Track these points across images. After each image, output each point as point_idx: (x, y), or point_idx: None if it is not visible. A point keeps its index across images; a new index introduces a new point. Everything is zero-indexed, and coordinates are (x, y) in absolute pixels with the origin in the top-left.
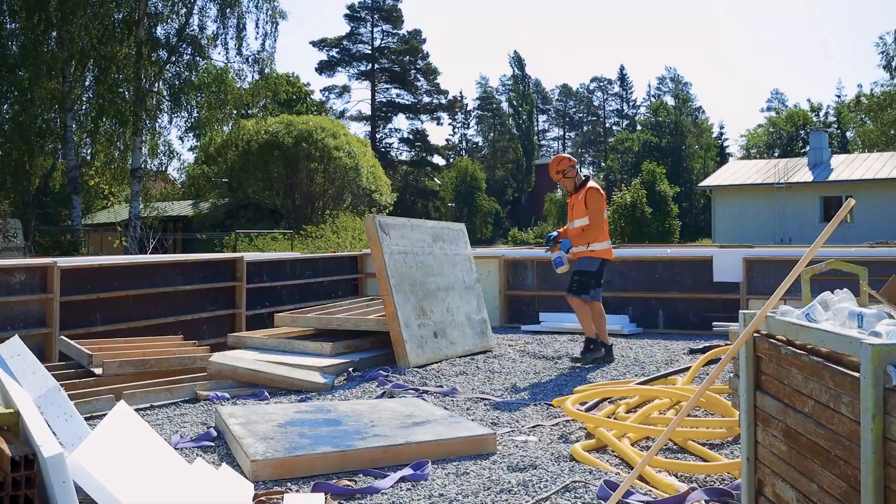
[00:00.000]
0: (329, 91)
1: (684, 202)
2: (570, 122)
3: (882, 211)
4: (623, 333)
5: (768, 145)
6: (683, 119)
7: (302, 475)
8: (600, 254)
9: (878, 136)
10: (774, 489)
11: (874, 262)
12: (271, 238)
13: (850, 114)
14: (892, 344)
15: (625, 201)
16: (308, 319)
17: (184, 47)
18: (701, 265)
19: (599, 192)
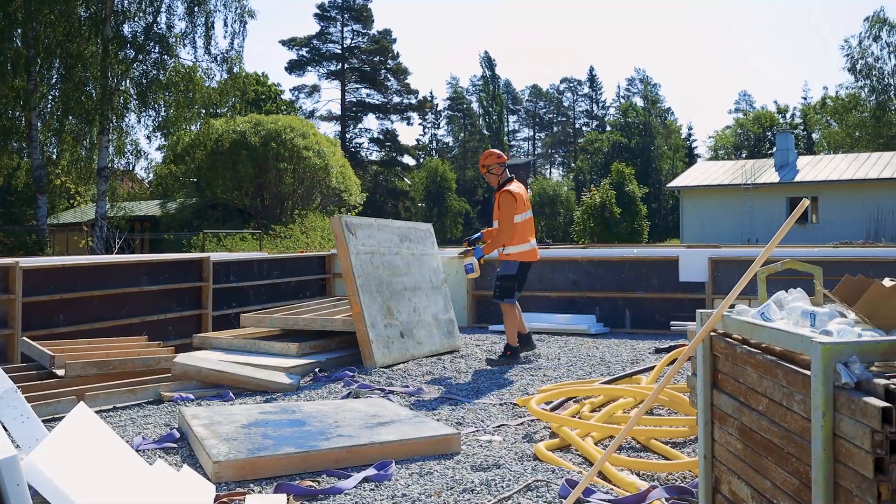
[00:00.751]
0: (299, 91)
1: (653, 203)
2: (540, 123)
3: (847, 212)
4: (590, 333)
5: (736, 146)
6: (652, 120)
7: (265, 476)
8: (515, 257)
9: (843, 137)
10: (731, 487)
11: (829, 262)
12: (240, 238)
13: (816, 116)
14: (842, 342)
15: (594, 202)
16: (274, 320)
17: (151, 45)
18: (667, 265)
19: (512, 196)
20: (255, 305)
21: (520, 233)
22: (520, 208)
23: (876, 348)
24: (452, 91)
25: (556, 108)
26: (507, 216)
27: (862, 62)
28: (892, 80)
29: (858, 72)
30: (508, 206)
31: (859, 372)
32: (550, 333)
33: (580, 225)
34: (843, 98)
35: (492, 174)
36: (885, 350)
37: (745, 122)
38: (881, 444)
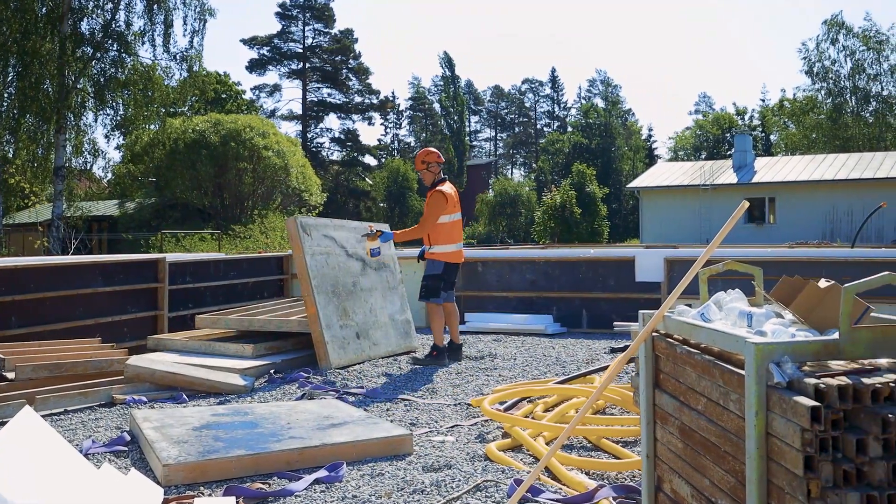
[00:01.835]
0: (260, 90)
1: (614, 203)
2: (502, 123)
3: (803, 212)
4: (547, 333)
5: (695, 147)
6: (613, 121)
7: (215, 479)
8: (440, 257)
9: (800, 139)
10: (672, 485)
11: (779, 262)
12: (199, 238)
13: (773, 118)
14: (774, 343)
15: (555, 202)
16: (229, 321)
17: (109, 43)
18: (624, 265)
19: (443, 196)
20: (212, 306)
21: (447, 233)
22: (449, 209)
23: (807, 348)
24: (414, 91)
25: (517, 108)
26: (432, 214)
27: (819, 65)
28: (849, 83)
29: (815, 75)
30: (437, 204)
31: (791, 371)
32: (507, 333)
33: (541, 225)
34: (801, 100)
35: (429, 171)
36: (816, 350)
37: (704, 124)
38: (811, 442)
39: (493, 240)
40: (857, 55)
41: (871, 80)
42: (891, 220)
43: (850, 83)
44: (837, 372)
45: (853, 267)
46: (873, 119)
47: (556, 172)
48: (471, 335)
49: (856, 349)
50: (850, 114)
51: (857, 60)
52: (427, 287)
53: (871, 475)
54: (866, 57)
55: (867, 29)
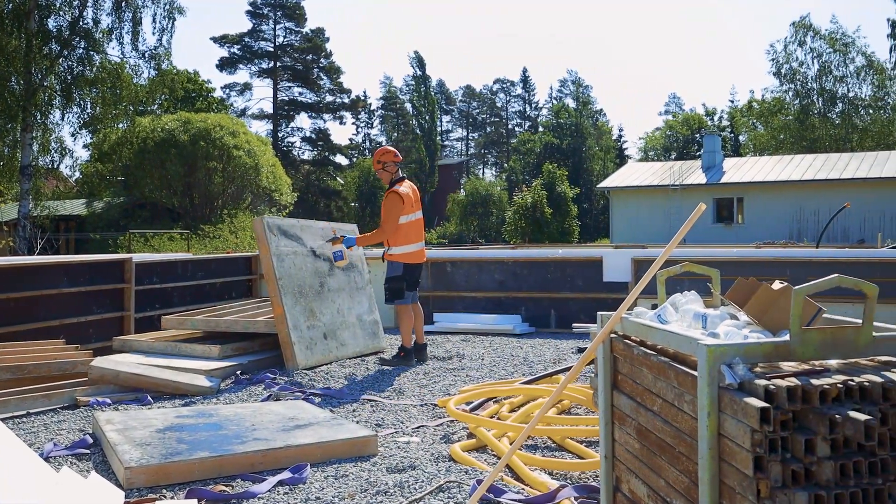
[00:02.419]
0: (230, 88)
1: (584, 203)
2: (474, 123)
3: (771, 212)
4: (515, 333)
5: (665, 148)
6: (584, 121)
7: (178, 481)
8: (399, 258)
9: (768, 140)
10: (630, 486)
11: (735, 263)
12: (168, 238)
13: (742, 118)
14: (726, 344)
15: (525, 202)
16: (196, 322)
17: (77, 41)
18: (592, 265)
19: (398, 196)
20: (180, 307)
21: (404, 234)
22: (407, 209)
23: (759, 350)
24: (386, 90)
25: (489, 108)
26: (390, 215)
27: (787, 67)
28: (816, 85)
29: (783, 76)
30: (394, 205)
31: (742, 373)
32: (476, 334)
33: (512, 225)
34: (769, 102)
35: (386, 171)
36: (767, 351)
37: (674, 124)
38: (760, 443)
39: (464, 239)
40: (824, 57)
41: (837, 81)
42: (856, 220)
43: (817, 85)
44: (788, 373)
45: (817, 267)
46: (840, 120)
47: (528, 172)
48: (439, 335)
49: (806, 350)
50: (817, 115)
51: (824, 62)
52: (390, 290)
53: (819, 475)
54: (833, 59)
55: (833, 31)
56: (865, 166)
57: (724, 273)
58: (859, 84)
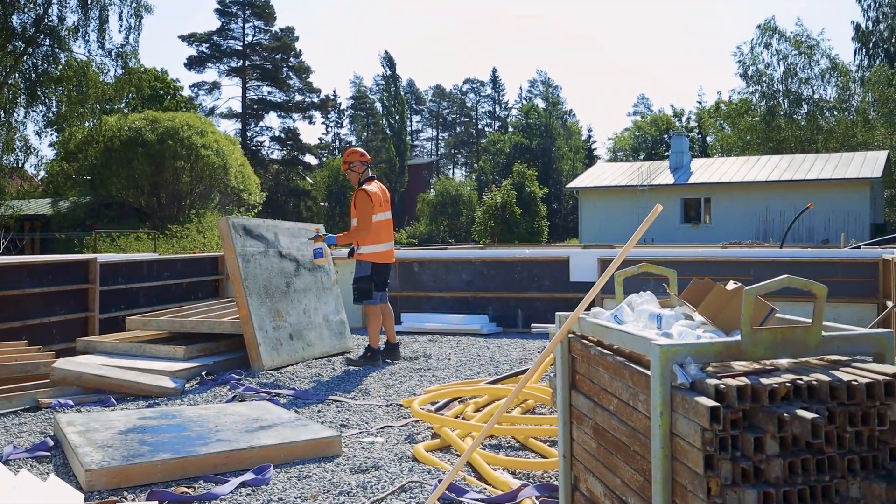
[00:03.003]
0: (199, 87)
1: (554, 203)
2: (444, 123)
3: (737, 212)
4: (482, 333)
5: (634, 148)
6: (554, 122)
7: (140, 483)
8: (368, 257)
9: (735, 141)
10: (587, 485)
11: (694, 263)
12: (135, 238)
13: (710, 119)
14: (678, 344)
15: (495, 202)
16: (161, 322)
17: (42, 38)
18: (558, 265)
19: (368, 195)
20: (145, 308)
21: (374, 233)
22: (377, 208)
23: (710, 349)
24: (356, 90)
25: (459, 108)
26: (364, 215)
27: (753, 68)
28: (782, 87)
29: (750, 78)
30: (364, 204)
31: (694, 372)
32: (443, 334)
33: (481, 225)
34: (736, 103)
35: (353, 171)
36: (719, 351)
37: (642, 125)
38: (711, 441)
39: (434, 239)
40: (790, 59)
41: (802, 83)
42: (821, 221)
43: (783, 86)
44: (738, 372)
45: (781, 267)
46: (805, 122)
47: (498, 172)
48: (406, 335)
49: (757, 350)
50: (782, 116)
51: (790, 64)
52: (359, 290)
53: (769, 472)
54: (798, 61)
55: (798, 34)
56: (830, 167)
57: (691, 273)
58: (824, 86)
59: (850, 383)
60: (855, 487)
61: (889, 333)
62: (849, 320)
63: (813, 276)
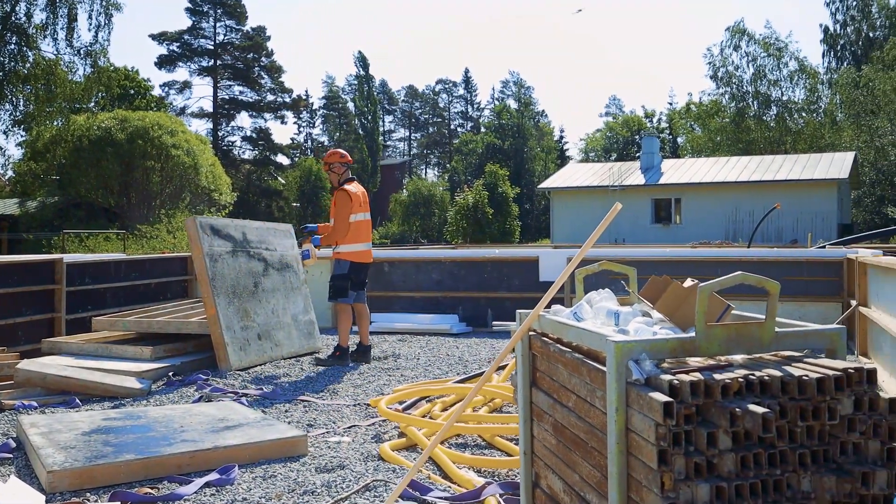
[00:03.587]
0: (169, 87)
1: (526, 203)
2: (416, 123)
3: (707, 213)
4: (452, 333)
5: (606, 149)
6: (526, 122)
7: (103, 484)
8: (346, 256)
9: (705, 142)
10: (548, 481)
11: (654, 263)
12: (104, 238)
13: (680, 120)
14: (634, 341)
15: (467, 202)
16: (127, 323)
17: (9, 36)
18: (528, 265)
19: (347, 195)
20: (113, 308)
21: (353, 233)
22: (356, 208)
23: (665, 346)
24: (328, 90)
25: (431, 108)
26: (341, 214)
27: (723, 70)
28: (751, 88)
29: (720, 79)
30: (343, 204)
31: (649, 369)
32: (413, 333)
33: (453, 225)
34: (706, 104)
35: (333, 172)
36: (673, 347)
37: (614, 126)
38: (664, 436)
39: (406, 240)
40: (759, 61)
41: (771, 85)
42: (789, 221)
43: (753, 88)
44: (693, 368)
45: (748, 266)
46: (774, 123)
47: (470, 173)
48: (376, 335)
49: (711, 346)
50: (752, 118)
51: (759, 66)
52: (335, 287)
53: (721, 467)
54: (767, 63)
55: (767, 36)
56: (798, 168)
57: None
58: (792, 88)
59: (801, 378)
60: (806, 481)
61: (841, 329)
62: (814, 318)
63: (779, 275)
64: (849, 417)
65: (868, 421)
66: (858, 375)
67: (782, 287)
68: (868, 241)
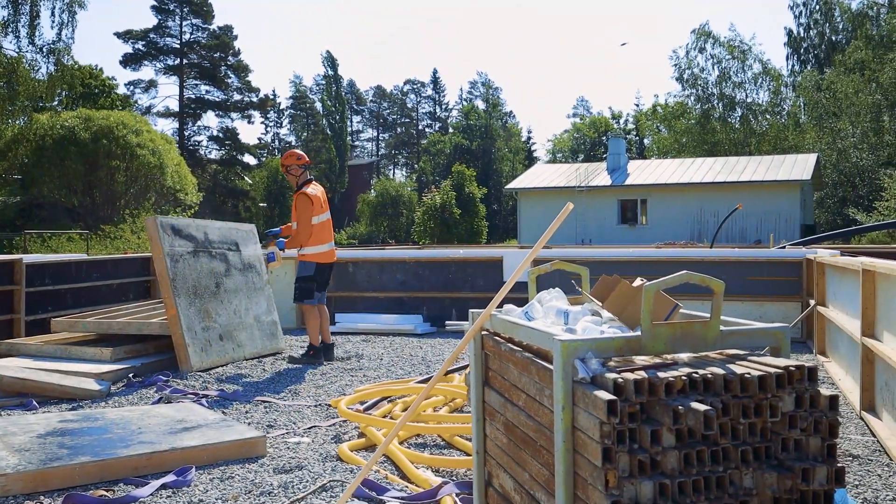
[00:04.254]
0: (135, 85)
1: (494, 204)
2: (384, 124)
3: (673, 213)
4: (417, 333)
5: (573, 150)
6: (494, 123)
7: (58, 487)
8: (312, 258)
9: (671, 143)
10: (499, 480)
11: (617, 263)
12: (66, 238)
13: (647, 122)
14: (580, 340)
15: (434, 203)
16: (87, 324)
17: None
18: (492, 265)
19: (307, 198)
20: (74, 309)
21: (316, 234)
22: (317, 210)
23: (611, 345)
24: (295, 90)
25: (399, 109)
26: (303, 217)
27: (688, 72)
28: (716, 90)
29: (685, 81)
30: (304, 207)
31: (595, 367)
32: (377, 334)
33: (421, 226)
34: (672, 106)
35: (291, 174)
36: (619, 346)
37: (581, 127)
38: (609, 434)
39: (374, 240)
40: (724, 63)
41: (736, 87)
42: (753, 221)
43: (717, 90)
44: (638, 367)
45: (710, 266)
46: (739, 125)
47: (438, 173)
48: (340, 336)
49: (657, 345)
50: (717, 119)
51: (724, 69)
52: (301, 289)
53: (664, 464)
54: (732, 65)
55: (732, 39)
56: (762, 169)
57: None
58: (756, 90)
59: (744, 376)
60: (748, 477)
61: (785, 328)
62: (775, 318)
63: (740, 275)
64: (790, 414)
65: (809, 418)
66: (800, 373)
67: (743, 287)
68: (829, 241)
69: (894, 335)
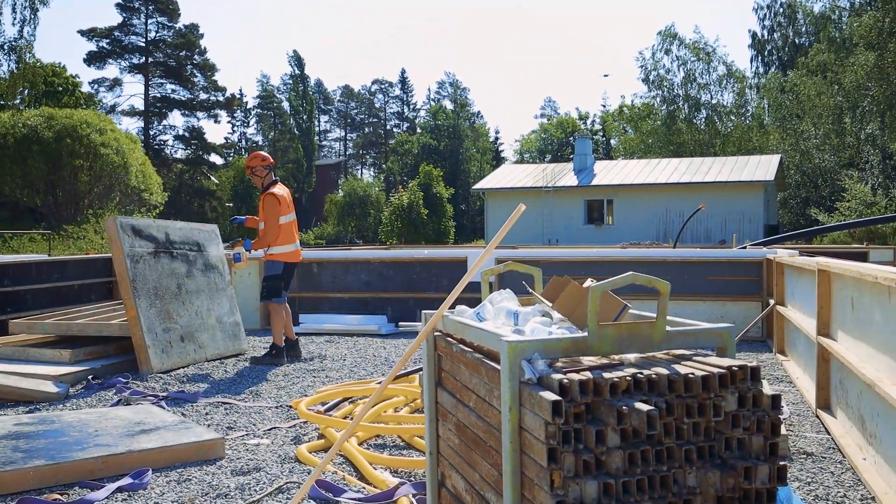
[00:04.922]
0: (99, 84)
1: (462, 204)
2: (352, 124)
3: (639, 214)
4: (381, 333)
5: (540, 150)
6: (461, 123)
7: (12, 491)
8: (279, 257)
9: (637, 144)
10: (452, 481)
11: (580, 263)
12: (28, 239)
13: (613, 123)
14: (526, 341)
15: (402, 203)
16: (46, 325)
17: None
18: (457, 265)
19: (275, 198)
20: (34, 311)
21: (284, 234)
22: (283, 210)
23: (558, 345)
24: (262, 89)
25: (367, 109)
26: (272, 217)
27: (654, 74)
28: (682, 91)
29: (651, 82)
30: (272, 207)
31: (542, 368)
32: (341, 334)
33: (388, 226)
34: (638, 107)
35: (256, 176)
36: (566, 347)
37: (549, 128)
38: (554, 434)
39: (342, 240)
40: (689, 65)
41: (701, 89)
42: (718, 222)
43: (683, 91)
44: (584, 367)
45: (672, 266)
46: (704, 126)
47: (405, 173)
48: (304, 336)
49: (603, 345)
50: (682, 120)
51: (689, 70)
52: (269, 287)
53: (609, 464)
54: (697, 67)
55: (697, 41)
56: (727, 170)
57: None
58: (721, 92)
59: (687, 376)
60: (692, 476)
61: (730, 328)
62: (736, 317)
63: (702, 275)
64: (733, 414)
65: (752, 417)
66: (742, 373)
67: (705, 287)
68: (791, 241)
69: (848, 335)
